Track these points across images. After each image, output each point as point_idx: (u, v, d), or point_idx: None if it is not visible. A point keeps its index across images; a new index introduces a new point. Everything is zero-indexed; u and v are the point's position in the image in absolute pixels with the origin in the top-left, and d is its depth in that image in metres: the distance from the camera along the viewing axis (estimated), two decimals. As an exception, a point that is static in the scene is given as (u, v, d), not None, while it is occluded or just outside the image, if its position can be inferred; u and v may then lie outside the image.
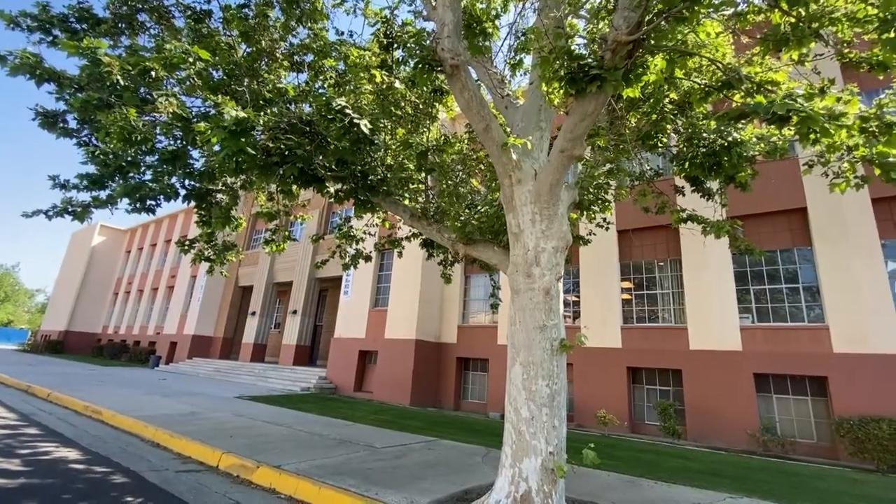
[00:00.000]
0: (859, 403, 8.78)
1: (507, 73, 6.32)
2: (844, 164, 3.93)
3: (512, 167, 4.34)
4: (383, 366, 15.41)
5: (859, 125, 3.08)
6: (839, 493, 5.97)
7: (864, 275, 9.51)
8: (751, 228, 11.02)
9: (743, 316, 10.74)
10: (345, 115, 4.56)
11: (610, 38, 3.12)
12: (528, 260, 4.29)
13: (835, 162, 4.01)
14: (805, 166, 4.92)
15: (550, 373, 4.09)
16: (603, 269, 12.85)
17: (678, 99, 4.83)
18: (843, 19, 3.23)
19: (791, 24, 2.96)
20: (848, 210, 9.88)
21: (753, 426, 9.67)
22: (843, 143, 3.32)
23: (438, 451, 6.85)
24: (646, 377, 11.85)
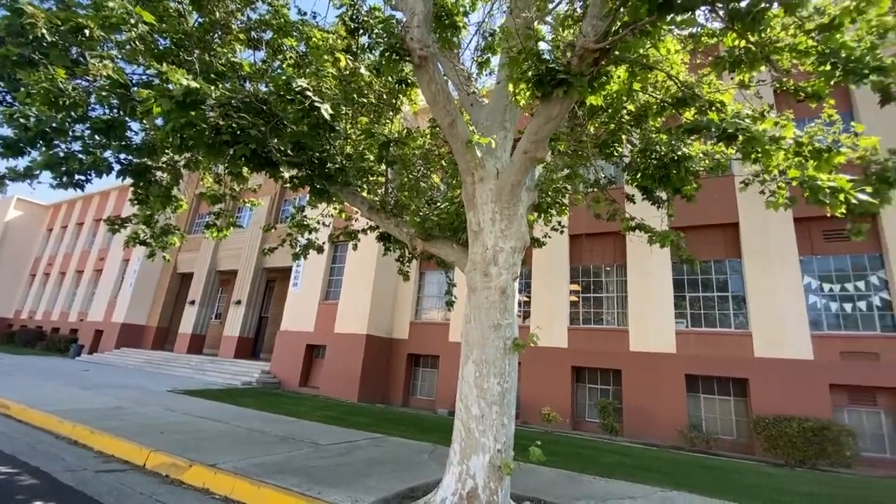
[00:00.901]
0: (774, 404, 9.63)
1: (474, 70, 6.32)
2: (778, 185, 4.26)
3: (475, 165, 4.34)
4: (332, 360, 15.03)
5: (794, 149, 3.34)
6: (755, 486, 6.51)
7: (784, 287, 10.43)
8: (690, 239, 11.77)
9: (678, 321, 11.46)
10: (305, 98, 4.36)
11: (578, 45, 3.18)
12: (486, 259, 4.31)
13: (769, 182, 4.34)
14: (742, 184, 5.30)
15: (502, 371, 4.13)
16: (554, 272, 13.24)
17: (635, 111, 5.04)
18: (786, 50, 3.50)
19: (744, 47, 3.15)
20: (773, 227, 10.78)
21: (683, 424, 10.36)
22: (779, 165, 3.60)
23: (385, 448, 6.76)
24: (588, 376, 12.37)
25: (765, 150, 2.97)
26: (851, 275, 10.29)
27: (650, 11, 2.62)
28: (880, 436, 9.27)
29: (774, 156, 3.06)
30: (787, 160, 3.39)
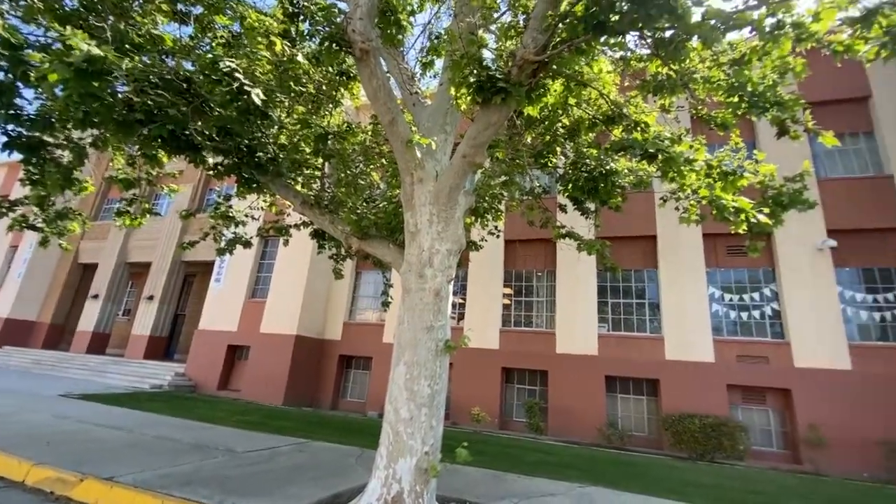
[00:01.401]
0: (680, 402, 10.55)
1: (418, 71, 6.28)
2: (690, 202, 4.68)
3: (415, 165, 4.30)
4: (256, 362, 14.20)
5: (705, 171, 3.68)
6: (662, 479, 7.07)
7: (692, 296, 11.49)
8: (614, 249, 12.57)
9: (601, 325, 12.21)
10: (234, 80, 4.07)
11: (518, 55, 3.26)
12: (422, 260, 4.28)
13: (684, 199, 4.75)
14: (661, 200, 5.76)
15: (433, 373, 4.12)
16: (490, 275, 13.55)
17: (570, 125, 5.29)
18: (702, 80, 3.85)
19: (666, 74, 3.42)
20: (685, 241, 11.84)
21: (602, 422, 11.03)
22: (692, 184, 3.94)
23: (310, 454, 6.49)
24: (517, 377, 12.78)
25: (679, 171, 3.24)
26: (748, 286, 11.57)
27: (585, 31, 2.75)
28: (768, 431, 10.49)
29: (688, 176, 3.36)
30: (699, 180, 3.73)
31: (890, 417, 9.20)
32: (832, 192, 11.17)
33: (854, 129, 11.74)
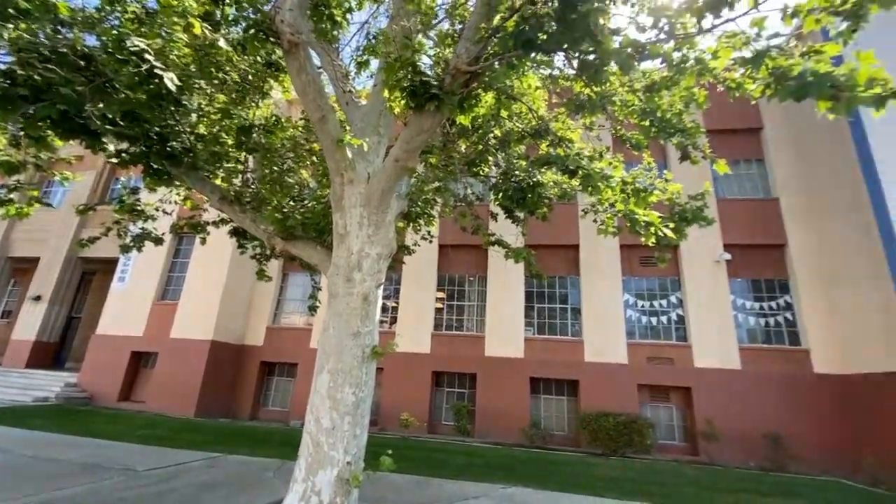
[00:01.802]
0: (597, 402, 11.25)
1: (353, 69, 6.14)
2: (608, 215, 5.02)
3: (345, 166, 4.18)
4: (164, 370, 12.97)
5: (620, 187, 3.96)
6: (578, 475, 7.47)
7: (609, 302, 12.34)
8: (542, 256, 13.17)
9: (527, 328, 12.70)
10: (144, 62, 3.71)
11: (452, 64, 3.29)
12: (350, 263, 4.17)
13: (602, 212, 5.08)
14: (582, 212, 6.12)
15: (359, 380, 4.02)
16: (422, 279, 13.56)
17: (501, 136, 5.45)
18: (619, 103, 4.15)
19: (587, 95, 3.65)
20: (604, 251, 12.70)
21: (525, 423, 11.44)
22: (609, 199, 4.23)
23: (223, 469, 6.03)
24: (447, 381, 12.89)
25: (596, 186, 3.46)
26: (657, 294, 12.65)
27: (515, 46, 2.84)
28: (672, 426, 11.50)
29: (605, 191, 3.60)
30: (615, 196, 4.01)
31: (773, 412, 10.49)
32: (729, 210, 12.58)
33: (748, 156, 13.33)
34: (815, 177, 11.83)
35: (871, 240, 9.61)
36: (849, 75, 1.94)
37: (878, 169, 9.77)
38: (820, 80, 1.96)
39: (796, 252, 11.76)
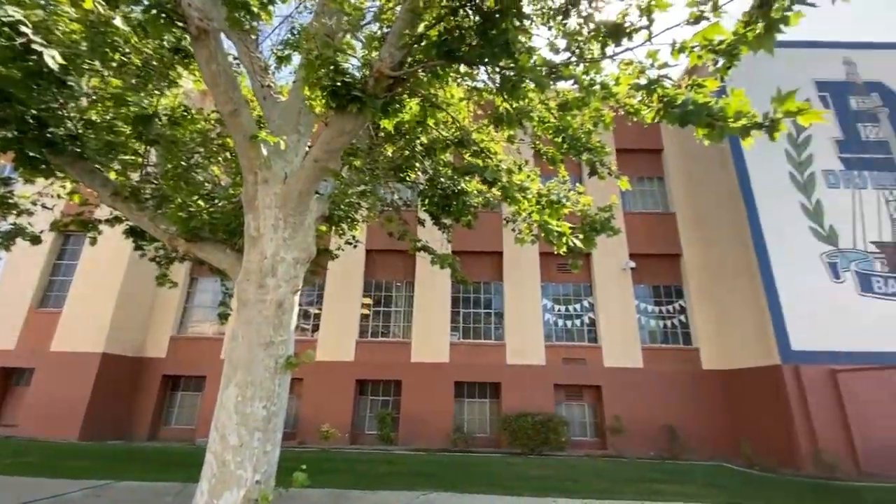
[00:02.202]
0: (517, 403, 11.68)
1: (273, 63, 5.83)
2: (526, 225, 5.26)
3: (260, 164, 3.93)
4: (43, 388, 11.26)
5: (536, 199, 4.17)
6: (499, 476, 7.67)
7: (529, 307, 12.93)
8: (468, 263, 13.45)
9: (453, 333, 12.88)
10: (19, 34, 3.22)
11: (375, 67, 3.25)
12: (263, 268, 3.92)
13: (520, 222, 5.31)
14: (505, 221, 6.34)
15: (270, 393, 3.78)
16: (348, 285, 13.20)
17: (427, 143, 5.48)
18: (536, 119, 4.38)
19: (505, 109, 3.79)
20: (525, 258, 13.29)
21: (449, 427, 11.55)
22: (527, 209, 4.43)
23: (110, 498, 5.34)
24: (371, 389, 12.63)
25: (514, 197, 3.60)
26: (572, 298, 13.48)
27: (438, 55, 2.87)
28: (584, 423, 12.27)
29: (522, 202, 3.77)
30: (532, 206, 4.21)
31: (670, 406, 11.60)
32: (634, 223, 13.81)
33: (651, 175, 14.75)
34: (704, 195, 13.39)
35: (749, 253, 11.07)
36: (722, 107, 2.23)
37: (753, 189, 11.30)
38: (699, 109, 2.24)
39: (689, 262, 13.22)
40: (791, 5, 1.97)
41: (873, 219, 10.99)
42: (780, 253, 10.60)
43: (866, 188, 11.31)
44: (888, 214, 11.06)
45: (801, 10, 2.29)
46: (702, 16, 2.23)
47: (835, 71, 12.73)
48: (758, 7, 2.06)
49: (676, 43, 2.41)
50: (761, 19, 2.04)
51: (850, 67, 12.76)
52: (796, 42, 13.19)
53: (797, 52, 12.97)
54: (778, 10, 1.98)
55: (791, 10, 1.97)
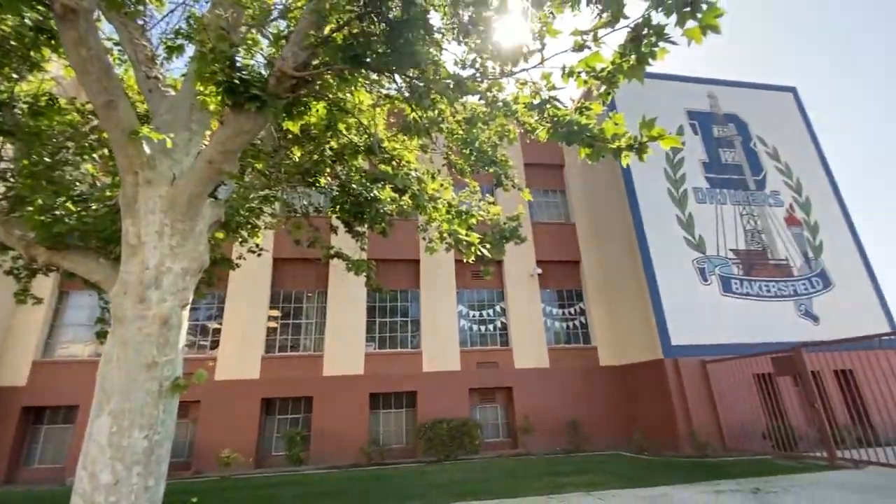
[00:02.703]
0: (433, 410, 11.73)
1: (162, 53, 5.27)
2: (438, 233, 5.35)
3: (141, 163, 3.52)
4: None
5: (446, 208, 4.26)
6: (412, 485, 7.61)
7: (444, 313, 13.13)
8: (385, 270, 13.29)
9: (368, 343, 12.60)
10: None
11: (277, 66, 3.09)
12: (145, 280, 3.49)
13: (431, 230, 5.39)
14: (419, 229, 6.39)
15: (153, 420, 3.37)
16: (253, 296, 12.31)
17: (337, 148, 5.34)
18: (446, 130, 4.49)
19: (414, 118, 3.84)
20: (441, 265, 13.50)
21: (364, 441, 11.23)
22: (437, 219, 4.51)
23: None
24: (279, 407, 11.85)
25: (423, 206, 3.64)
26: (486, 304, 13.96)
27: (343, 60, 2.81)
28: (496, 425, 12.68)
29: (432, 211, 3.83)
30: (442, 216, 4.29)
31: (573, 402, 12.44)
32: (540, 232, 14.74)
33: (555, 188, 15.90)
34: (600, 207, 14.73)
35: (636, 260, 12.36)
36: (602, 129, 2.49)
37: (639, 203, 12.68)
38: (581, 130, 2.47)
39: (587, 267, 14.43)
40: (657, 42, 2.27)
41: (731, 229, 12.94)
42: (660, 259, 12.00)
43: (726, 204, 13.30)
44: (742, 226, 13.10)
45: (667, 47, 2.66)
46: (584, 44, 2.48)
47: (701, 103, 14.85)
48: (630, 41, 2.35)
49: (566, 67, 2.65)
50: (634, 52, 2.33)
51: (713, 100, 14.98)
52: (673, 76, 15.21)
53: (673, 84, 14.95)
54: (647, 45, 2.27)
55: (658, 45, 2.27)
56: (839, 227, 13.81)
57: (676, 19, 2.03)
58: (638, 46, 2.27)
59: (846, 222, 13.94)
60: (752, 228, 13.15)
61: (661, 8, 2.08)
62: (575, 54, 2.49)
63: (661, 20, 2.15)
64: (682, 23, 2.02)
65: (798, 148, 14.90)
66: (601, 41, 2.43)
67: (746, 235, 12.96)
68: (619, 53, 2.42)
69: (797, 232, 13.42)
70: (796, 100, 15.90)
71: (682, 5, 1.97)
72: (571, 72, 2.66)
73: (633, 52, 2.30)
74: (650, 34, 2.24)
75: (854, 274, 13.11)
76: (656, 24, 2.20)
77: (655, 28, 2.21)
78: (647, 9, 2.17)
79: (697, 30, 2.03)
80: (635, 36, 2.28)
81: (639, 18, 2.23)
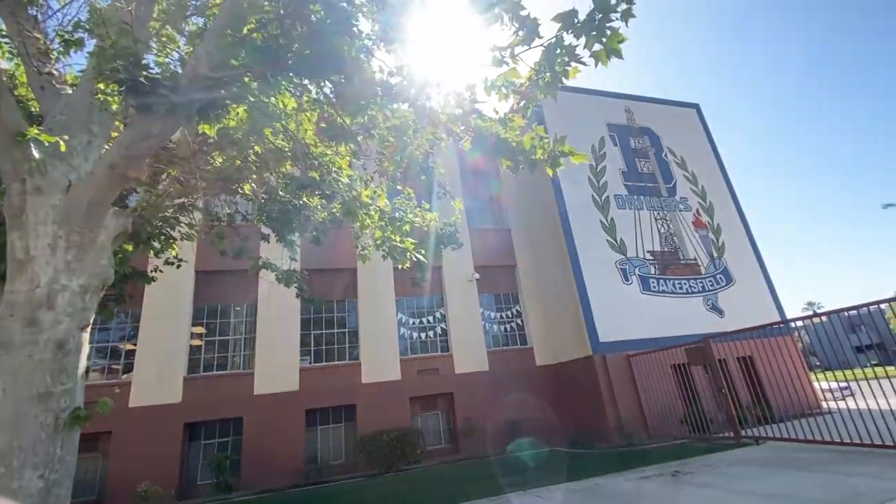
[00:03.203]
0: (374, 422, 11.47)
1: (58, 47, 4.74)
2: (367, 242, 5.28)
3: (30, 168, 3.14)
4: None
5: (379, 215, 4.22)
6: (349, 501, 7.38)
7: (384, 322, 12.95)
8: (321, 280, 12.87)
9: (303, 358, 12.09)
10: None
11: (189, 65, 2.89)
12: (34, 300, 3.10)
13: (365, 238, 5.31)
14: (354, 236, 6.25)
15: (49, 458, 3.00)
16: (173, 313, 11.34)
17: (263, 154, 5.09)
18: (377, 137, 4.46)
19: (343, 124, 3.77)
20: (380, 274, 13.31)
21: (301, 460, 10.72)
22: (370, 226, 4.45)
23: None
24: (205, 432, 10.98)
25: (355, 214, 3.58)
26: (425, 311, 13.97)
27: (262, 62, 2.70)
28: (438, 431, 12.67)
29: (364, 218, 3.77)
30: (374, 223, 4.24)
31: (513, 403, 12.74)
32: (478, 237, 15.05)
33: (491, 194, 16.34)
34: (532, 213, 15.36)
35: (566, 262, 13.02)
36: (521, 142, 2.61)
37: (567, 209, 13.39)
38: (500, 143, 2.58)
39: (522, 271, 14.96)
40: (570, 61, 2.44)
41: (648, 233, 14.07)
42: (587, 261, 12.75)
43: (643, 209, 14.45)
44: (657, 229, 14.29)
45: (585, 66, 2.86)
46: (503, 60, 2.59)
47: (620, 117, 16.06)
48: (545, 59, 2.49)
49: (487, 80, 2.75)
50: (548, 70, 2.48)
51: (629, 114, 16.25)
52: (595, 91, 16.32)
53: (596, 98, 16.03)
54: (560, 63, 2.43)
55: (570, 65, 2.44)
56: (737, 230, 15.51)
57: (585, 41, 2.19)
58: (552, 64, 2.42)
59: (743, 225, 15.70)
60: (666, 231, 14.39)
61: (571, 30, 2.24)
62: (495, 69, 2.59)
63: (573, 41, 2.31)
64: (590, 45, 2.19)
65: (701, 158, 16.58)
66: (518, 58, 2.56)
67: (661, 238, 14.15)
68: (535, 70, 2.56)
69: (703, 234, 14.89)
70: (699, 115, 17.71)
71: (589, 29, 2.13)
72: (494, 85, 2.76)
73: (547, 69, 2.45)
74: (563, 54, 2.39)
75: (751, 271, 14.77)
76: (567, 45, 2.36)
77: (567, 48, 2.37)
78: (558, 30, 2.33)
79: (603, 52, 2.21)
80: (549, 55, 2.42)
81: (552, 38, 2.38)
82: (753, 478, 5.98)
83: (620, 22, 2.16)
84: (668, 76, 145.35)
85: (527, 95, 2.67)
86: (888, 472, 5.37)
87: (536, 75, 2.55)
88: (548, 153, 2.56)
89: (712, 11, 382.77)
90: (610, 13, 2.16)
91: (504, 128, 2.80)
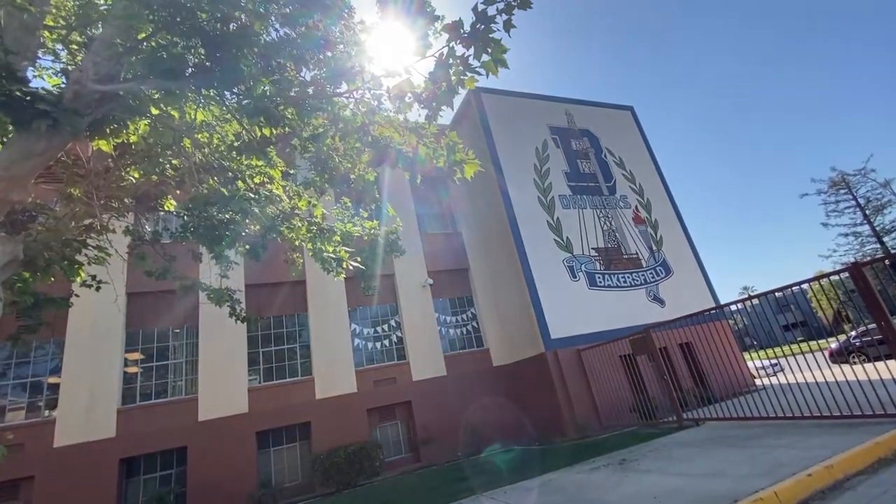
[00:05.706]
0: (330, 439, 11.13)
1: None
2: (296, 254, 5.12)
3: None
4: None
5: (307, 227, 4.09)
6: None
7: (337, 334, 12.63)
8: (267, 295, 12.39)
9: (252, 377, 11.56)
10: None
11: (73, 78, 2.67)
12: None
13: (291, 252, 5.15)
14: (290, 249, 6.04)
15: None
16: (102, 340, 10.52)
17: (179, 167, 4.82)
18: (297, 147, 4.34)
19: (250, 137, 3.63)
20: (331, 285, 12.98)
21: (253, 485, 10.21)
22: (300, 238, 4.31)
23: None
24: (145, 466, 10.23)
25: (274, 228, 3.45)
26: (380, 320, 13.76)
27: (156, 73, 2.54)
28: (398, 441, 12.47)
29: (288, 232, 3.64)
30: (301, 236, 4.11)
31: (471, 407, 12.78)
32: (430, 242, 15.04)
33: (441, 199, 16.38)
34: (482, 215, 15.54)
35: (516, 263, 13.26)
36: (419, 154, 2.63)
37: (515, 211, 13.66)
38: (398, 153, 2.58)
39: (475, 274, 15.09)
40: (465, 71, 2.48)
41: (592, 230, 14.61)
42: (536, 261, 13.04)
43: (586, 208, 14.99)
44: (600, 227, 14.87)
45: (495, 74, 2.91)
46: (394, 70, 2.59)
47: (561, 119, 16.61)
48: (438, 69, 2.51)
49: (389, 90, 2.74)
50: (444, 80, 2.50)
51: (570, 117, 16.84)
52: (537, 95, 16.80)
53: (538, 102, 16.50)
54: (456, 73, 2.46)
55: (466, 75, 2.48)
56: (673, 224, 16.42)
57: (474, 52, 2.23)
58: (447, 74, 2.44)
59: (678, 219, 16.64)
60: (609, 228, 15.00)
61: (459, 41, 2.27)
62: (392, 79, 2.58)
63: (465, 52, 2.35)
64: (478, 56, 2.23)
65: (638, 157, 17.45)
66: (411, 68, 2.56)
67: (604, 235, 14.74)
68: (430, 81, 2.57)
69: (642, 229, 15.65)
70: (633, 116, 18.64)
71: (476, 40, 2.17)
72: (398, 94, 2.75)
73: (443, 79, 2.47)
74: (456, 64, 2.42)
75: (687, 262, 15.68)
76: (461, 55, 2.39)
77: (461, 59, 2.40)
78: (447, 41, 2.35)
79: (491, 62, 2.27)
80: (441, 64, 2.44)
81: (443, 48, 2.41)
82: (690, 459, 6.30)
83: (503, 32, 2.22)
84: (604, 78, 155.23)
85: (428, 105, 2.68)
86: (807, 441, 5.83)
87: (433, 85, 2.56)
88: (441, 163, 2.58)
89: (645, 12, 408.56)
90: (490, 24, 2.20)
91: (418, 136, 2.80)
